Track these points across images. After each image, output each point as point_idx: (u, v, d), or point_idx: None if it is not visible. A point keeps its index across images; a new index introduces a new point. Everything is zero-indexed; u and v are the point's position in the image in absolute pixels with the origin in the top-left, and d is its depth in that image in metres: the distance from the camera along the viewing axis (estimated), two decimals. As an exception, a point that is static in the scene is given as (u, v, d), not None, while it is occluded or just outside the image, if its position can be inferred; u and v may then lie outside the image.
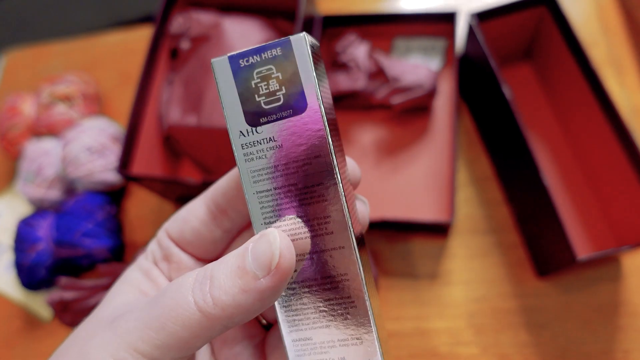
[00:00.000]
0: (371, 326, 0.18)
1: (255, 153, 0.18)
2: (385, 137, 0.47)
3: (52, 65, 0.63)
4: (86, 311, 0.41)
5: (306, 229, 0.17)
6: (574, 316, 0.38)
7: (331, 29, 0.51)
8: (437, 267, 0.42)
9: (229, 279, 0.16)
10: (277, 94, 0.17)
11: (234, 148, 0.18)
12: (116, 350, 0.16)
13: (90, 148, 0.48)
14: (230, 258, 0.16)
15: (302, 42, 0.17)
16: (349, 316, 0.18)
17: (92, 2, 1.29)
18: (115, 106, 0.57)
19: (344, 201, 0.17)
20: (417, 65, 0.45)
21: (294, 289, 0.18)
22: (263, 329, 0.21)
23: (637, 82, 0.44)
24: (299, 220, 0.17)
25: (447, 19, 0.46)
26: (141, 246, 0.49)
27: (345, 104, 0.48)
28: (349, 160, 0.20)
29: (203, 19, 0.47)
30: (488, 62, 0.37)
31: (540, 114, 0.44)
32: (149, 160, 0.45)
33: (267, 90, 0.17)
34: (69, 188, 0.50)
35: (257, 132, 0.17)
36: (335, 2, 0.55)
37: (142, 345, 0.15)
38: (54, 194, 0.49)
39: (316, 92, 0.17)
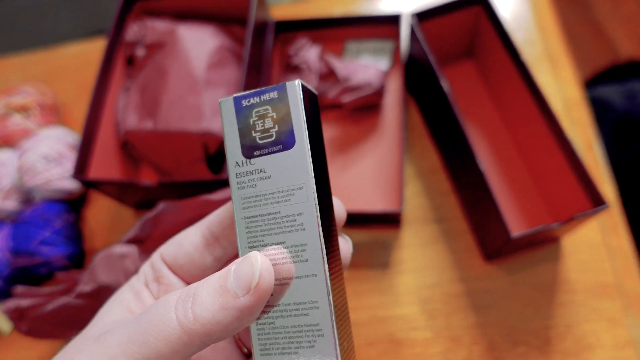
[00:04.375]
0: (336, 357, 0.18)
1: (247, 182, 0.20)
2: (339, 135, 0.48)
3: (9, 77, 0.62)
4: (43, 318, 0.41)
5: (286, 255, 0.19)
6: (519, 296, 0.41)
7: (284, 33, 0.52)
8: (391, 257, 0.44)
9: (210, 297, 0.17)
10: (271, 131, 0.19)
11: (229, 176, 0.20)
12: None
13: (47, 156, 0.48)
14: (214, 277, 0.18)
15: (295, 88, 0.19)
16: (315, 344, 0.19)
17: (69, 13, 1.28)
18: (74, 117, 0.58)
19: (320, 231, 0.19)
20: (366, 66, 0.47)
21: (269, 312, 0.19)
22: (246, 357, 0.22)
23: (570, 76, 0.48)
24: (280, 246, 0.19)
25: (393, 21, 0.48)
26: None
27: (300, 104, 0.49)
28: (336, 201, 0.22)
29: (158, 26, 0.48)
30: (428, 60, 0.40)
31: (483, 107, 0.47)
32: (106, 166, 0.46)
33: (263, 127, 0.20)
34: (27, 198, 0.50)
35: (250, 163, 0.20)
36: (289, 7, 0.57)
37: (124, 358, 0.16)
38: (10, 204, 0.49)
39: (304, 131, 0.19)
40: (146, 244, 0.40)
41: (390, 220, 0.44)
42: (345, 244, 0.22)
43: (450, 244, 0.43)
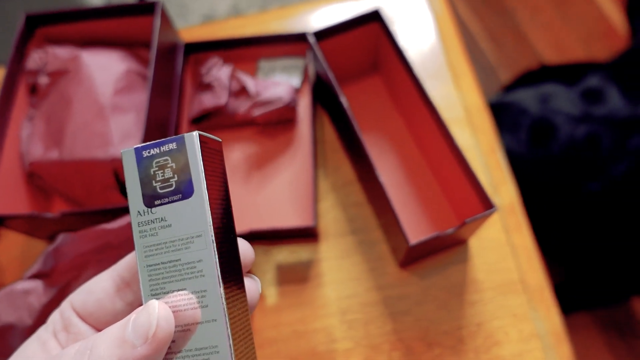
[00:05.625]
0: None
1: (149, 231, 0.20)
2: (254, 152, 0.49)
3: None
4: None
5: (187, 302, 0.19)
6: (432, 299, 0.42)
7: (196, 54, 0.52)
8: (310, 271, 0.44)
9: (108, 349, 0.17)
10: (171, 180, 0.20)
11: (132, 225, 0.21)
12: None
13: (-55, 194, 0.45)
14: (113, 329, 0.17)
15: (193, 139, 0.20)
16: None
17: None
18: (-19, 148, 0.55)
19: (220, 277, 0.19)
20: (277, 82, 0.48)
21: (172, 359, 0.19)
22: None
23: (471, 85, 0.50)
24: (182, 293, 0.19)
25: (301, 40, 0.49)
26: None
27: (214, 123, 0.49)
28: (242, 242, 0.22)
29: (60, 53, 0.47)
30: (328, 76, 0.41)
31: (391, 119, 0.48)
32: (12, 200, 0.44)
33: (163, 177, 0.20)
34: None
35: (151, 212, 0.20)
36: (200, 29, 0.57)
37: None
38: None
39: (202, 181, 0.20)
40: (51, 277, 0.39)
41: (306, 235, 0.44)
42: (253, 285, 0.22)
43: (366, 254, 0.44)
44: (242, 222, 0.46)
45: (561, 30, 1.26)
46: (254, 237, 0.44)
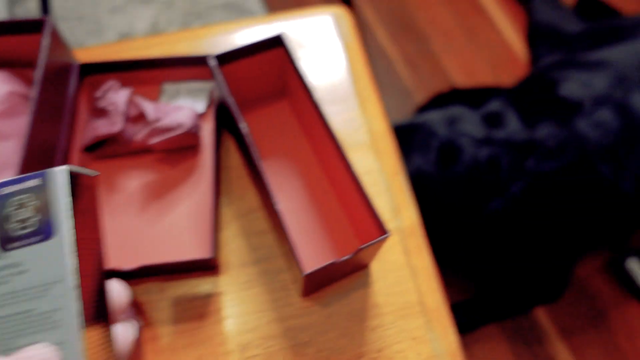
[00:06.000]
0: None
1: (1, 278, 0.18)
2: (153, 181, 0.46)
3: None
4: None
5: (45, 354, 0.17)
6: (334, 327, 0.42)
7: (95, 76, 0.49)
8: (209, 306, 0.42)
9: None
10: (31, 220, 0.18)
11: None
12: None
13: None
14: None
15: (57, 175, 0.18)
16: None
17: None
18: None
19: (80, 327, 0.18)
20: (179, 107, 0.46)
21: None
22: None
23: (376, 110, 0.51)
24: (35, 347, 0.18)
25: (204, 63, 0.48)
26: None
27: (110, 151, 0.46)
28: (116, 284, 0.21)
29: None
30: (229, 101, 0.40)
31: (297, 144, 0.48)
32: None
33: (23, 217, 0.18)
34: None
35: (6, 256, 0.18)
36: (100, 49, 0.54)
37: None
38: None
39: (66, 220, 0.18)
40: None
41: (206, 268, 0.43)
42: (126, 330, 0.21)
43: (268, 285, 0.43)
44: (136, 257, 0.43)
45: (471, 56, 1.35)
46: (146, 273, 0.42)
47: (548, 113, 0.81)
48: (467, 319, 0.97)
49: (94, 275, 0.19)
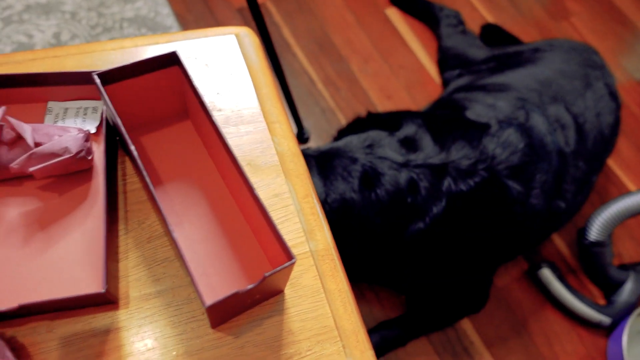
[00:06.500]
0: None
1: None
2: (37, 209, 0.41)
3: None
4: None
5: None
6: (248, 358, 0.39)
7: (-36, 93, 0.44)
8: (107, 344, 0.38)
9: None
10: None
11: None
12: None
13: None
14: None
15: None
16: None
17: None
18: None
19: None
20: (64, 128, 0.42)
21: None
22: None
23: (285, 132, 0.50)
24: None
25: (91, 81, 0.44)
26: None
27: (-17, 178, 0.41)
28: None
29: None
30: (117, 122, 0.36)
31: (203, 166, 0.45)
32: None
33: None
34: None
35: None
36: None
37: None
38: None
39: None
40: None
41: (102, 302, 0.38)
42: None
43: (174, 318, 0.40)
44: (15, 295, 0.37)
45: (387, 78, 1.40)
46: (29, 312, 0.36)
47: (459, 135, 0.85)
48: (397, 334, 0.98)
49: None
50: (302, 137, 1.23)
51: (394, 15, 1.50)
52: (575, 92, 0.99)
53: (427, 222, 0.80)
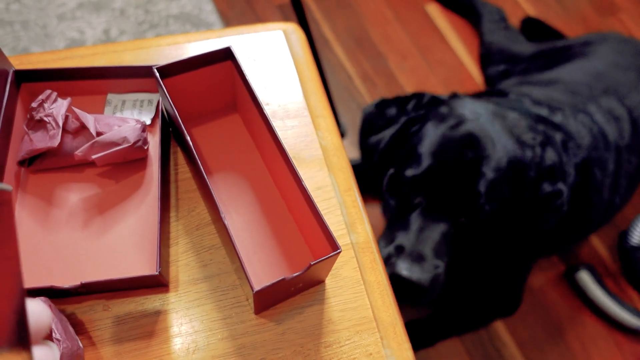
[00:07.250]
0: None
1: None
2: (96, 195, 0.44)
3: None
4: None
5: None
6: (289, 345, 0.40)
7: (32, 84, 0.47)
8: (157, 325, 0.40)
9: None
10: None
11: None
12: None
13: None
14: None
15: None
16: None
17: None
18: None
19: None
20: (124, 119, 0.44)
21: None
22: None
23: (329, 126, 0.51)
24: None
25: (149, 74, 0.47)
26: None
27: (48, 164, 0.44)
28: (36, 305, 0.19)
29: None
30: (174, 113, 0.38)
31: (250, 158, 0.47)
32: None
33: None
34: None
35: None
36: (41, 56, 0.51)
37: None
38: None
39: None
40: None
41: (154, 285, 0.41)
42: (44, 357, 0.19)
43: (220, 302, 0.41)
44: (77, 274, 0.40)
45: (425, 74, 1.39)
46: (88, 291, 0.39)
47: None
48: (426, 334, 0.97)
49: (10, 296, 0.17)
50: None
51: (434, 11, 1.49)
52: (630, 85, 0.95)
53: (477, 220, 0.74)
